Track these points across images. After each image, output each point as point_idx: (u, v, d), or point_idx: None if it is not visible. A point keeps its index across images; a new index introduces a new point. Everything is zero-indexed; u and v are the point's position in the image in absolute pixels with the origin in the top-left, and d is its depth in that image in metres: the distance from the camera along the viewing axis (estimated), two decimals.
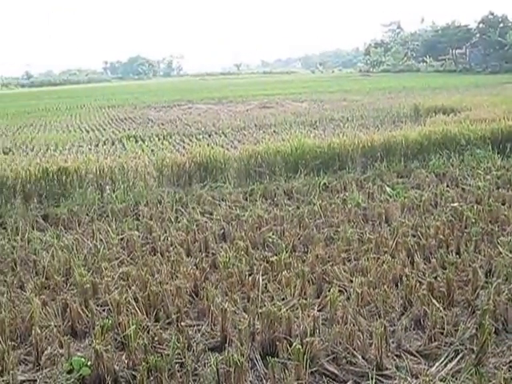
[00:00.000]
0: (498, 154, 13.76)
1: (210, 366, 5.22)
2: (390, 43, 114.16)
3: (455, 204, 9.79)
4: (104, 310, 6.48)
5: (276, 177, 12.49)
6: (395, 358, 5.37)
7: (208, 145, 15.97)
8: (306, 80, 77.30)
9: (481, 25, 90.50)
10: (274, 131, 20.80)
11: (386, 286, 6.56)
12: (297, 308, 6.13)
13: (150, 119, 28.24)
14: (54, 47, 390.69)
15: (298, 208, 10.15)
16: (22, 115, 35.61)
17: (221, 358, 5.23)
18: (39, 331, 5.73)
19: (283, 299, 6.46)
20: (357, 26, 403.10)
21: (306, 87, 52.79)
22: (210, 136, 20.62)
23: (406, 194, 10.72)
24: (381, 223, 9.22)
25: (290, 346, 5.24)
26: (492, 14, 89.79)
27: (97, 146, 19.76)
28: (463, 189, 11.10)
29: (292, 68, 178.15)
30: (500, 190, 10.83)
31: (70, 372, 5.28)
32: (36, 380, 5.27)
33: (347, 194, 11.04)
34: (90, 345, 5.62)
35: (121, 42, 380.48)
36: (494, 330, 5.47)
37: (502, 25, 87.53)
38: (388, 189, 11.16)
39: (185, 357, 5.32)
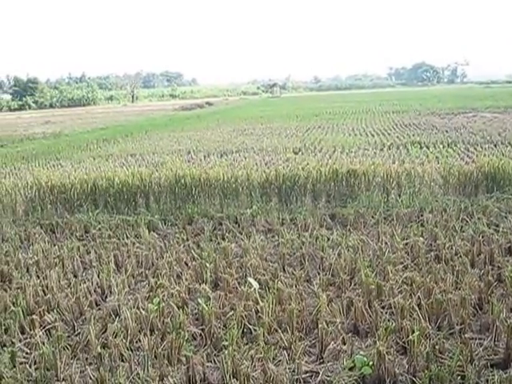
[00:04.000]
0: None
1: (493, 382, 5.04)
2: None
3: None
4: (387, 313, 6.55)
5: None
6: None
7: (496, 156, 15.34)
8: None
9: None
10: None
11: None
12: None
13: (434, 126, 27.74)
14: (342, 53, 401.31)
15: None
16: (310, 117, 37.21)
17: (505, 376, 5.07)
18: (325, 326, 5.97)
19: None
20: None
21: None
22: (495, 146, 19.71)
23: None
24: None
25: None
26: None
27: (381, 150, 19.87)
28: None
29: None
30: None
31: (351, 369, 5.42)
32: (318, 372, 5.47)
33: None
34: (373, 345, 5.73)
35: (406, 48, 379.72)
36: None
37: None
38: None
39: (466, 370, 5.21)
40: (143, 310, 6.74)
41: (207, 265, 8.08)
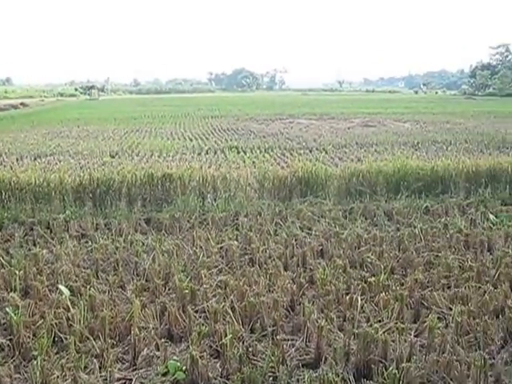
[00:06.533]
0: None
1: (304, 382, 5.18)
2: (497, 66, 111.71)
3: None
4: (201, 317, 6.55)
5: (377, 196, 12.33)
6: None
7: (310, 161, 15.93)
8: (409, 100, 76.24)
9: None
10: (376, 150, 20.56)
11: (486, 317, 6.33)
12: (393, 331, 6.03)
13: (251, 131, 28.44)
14: (162, 56, 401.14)
15: (398, 230, 10.01)
16: (128, 121, 36.67)
17: (315, 375, 5.21)
18: (138, 332, 5.87)
19: (379, 321, 6.34)
20: (463, 47, 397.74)
21: (408, 107, 52.08)
22: (310, 151, 20.55)
23: (510, 223, 10.35)
24: (483, 251, 8.95)
25: (385, 369, 5.16)
26: None
27: (199, 154, 20.02)
28: None
29: (395, 87, 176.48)
30: None
31: (164, 375, 5.38)
32: (132, 379, 5.38)
33: (449, 218, 10.76)
34: (186, 350, 5.71)
35: (226, 54, 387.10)
36: None
37: None
38: (491, 216, 10.81)
39: (278, 371, 5.32)
40: None
41: (16, 272, 7.66)
